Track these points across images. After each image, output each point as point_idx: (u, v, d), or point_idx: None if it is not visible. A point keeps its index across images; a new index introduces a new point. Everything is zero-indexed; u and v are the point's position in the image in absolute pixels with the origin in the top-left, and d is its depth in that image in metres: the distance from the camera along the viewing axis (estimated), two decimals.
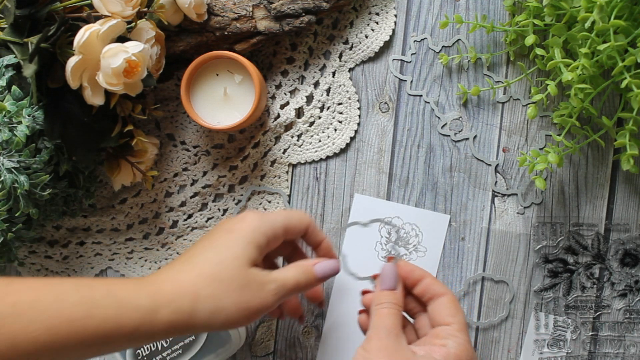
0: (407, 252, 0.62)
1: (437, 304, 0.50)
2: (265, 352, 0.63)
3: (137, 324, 0.43)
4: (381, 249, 0.62)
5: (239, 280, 0.46)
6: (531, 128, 0.62)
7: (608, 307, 0.61)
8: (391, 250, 0.61)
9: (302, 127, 0.63)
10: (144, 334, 0.43)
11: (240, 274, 0.47)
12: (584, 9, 0.49)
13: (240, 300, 0.46)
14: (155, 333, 0.44)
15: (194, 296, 0.45)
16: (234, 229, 0.49)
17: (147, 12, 0.53)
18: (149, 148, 0.59)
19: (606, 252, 0.61)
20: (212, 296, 0.45)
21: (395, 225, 0.58)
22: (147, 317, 0.43)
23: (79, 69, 0.49)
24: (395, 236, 0.61)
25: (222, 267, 0.47)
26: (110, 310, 0.42)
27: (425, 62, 0.62)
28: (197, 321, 0.45)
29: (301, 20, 0.59)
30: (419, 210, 0.62)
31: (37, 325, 0.40)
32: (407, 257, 0.62)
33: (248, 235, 0.48)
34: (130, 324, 0.43)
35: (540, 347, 0.61)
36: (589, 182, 0.61)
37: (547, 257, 0.61)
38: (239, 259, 0.47)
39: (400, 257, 0.53)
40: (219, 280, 0.46)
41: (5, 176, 0.50)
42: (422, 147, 0.62)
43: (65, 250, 0.64)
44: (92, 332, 0.42)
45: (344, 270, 0.54)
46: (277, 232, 0.50)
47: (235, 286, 0.46)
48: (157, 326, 0.44)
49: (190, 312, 0.44)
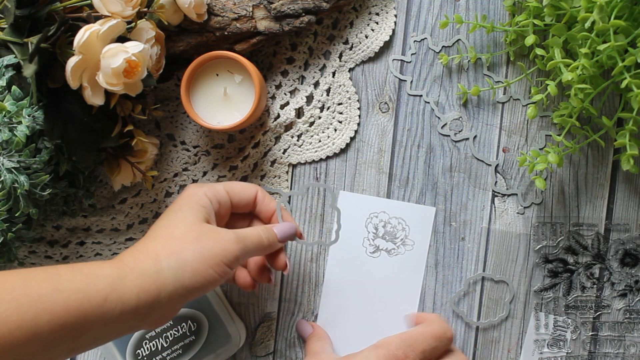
0: (394, 246, 0.62)
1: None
2: (265, 352, 0.63)
3: (106, 292, 0.42)
4: (369, 244, 0.62)
5: (195, 233, 0.48)
6: (531, 128, 0.62)
7: (608, 307, 0.61)
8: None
9: (302, 127, 0.63)
10: (115, 303, 0.43)
11: (195, 227, 0.48)
12: (584, 9, 0.49)
13: (202, 250, 0.47)
14: (127, 300, 0.43)
15: (155, 256, 0.46)
16: (176, 202, 0.51)
17: (147, 12, 0.53)
18: (149, 148, 0.59)
19: (606, 252, 0.61)
20: (172, 252, 0.46)
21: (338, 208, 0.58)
22: (114, 283, 0.43)
23: (79, 69, 0.49)
24: (383, 231, 0.61)
25: (174, 227, 0.48)
26: (77, 283, 0.42)
27: (425, 62, 0.62)
28: (166, 280, 0.45)
29: (301, 20, 0.59)
30: (405, 204, 0.62)
31: (5, 306, 0.39)
32: (395, 252, 0.62)
33: (190, 198, 0.51)
34: (100, 293, 0.42)
35: (540, 347, 0.61)
36: (589, 182, 0.61)
37: (547, 257, 0.61)
38: (188, 217, 0.49)
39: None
40: (174, 237, 0.47)
41: (5, 176, 0.50)
42: (422, 147, 0.62)
43: (65, 250, 0.64)
44: (62, 306, 0.41)
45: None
46: (219, 193, 0.52)
47: (192, 238, 0.47)
48: (127, 292, 0.43)
49: (156, 271, 0.45)
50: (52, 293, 0.41)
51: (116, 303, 0.43)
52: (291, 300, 0.63)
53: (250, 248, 0.50)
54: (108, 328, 0.43)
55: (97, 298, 0.42)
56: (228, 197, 0.53)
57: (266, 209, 0.56)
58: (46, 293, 0.41)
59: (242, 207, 0.55)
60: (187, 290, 0.46)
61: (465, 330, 0.62)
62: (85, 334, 0.42)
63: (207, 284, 0.47)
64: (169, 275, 0.45)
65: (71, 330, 0.41)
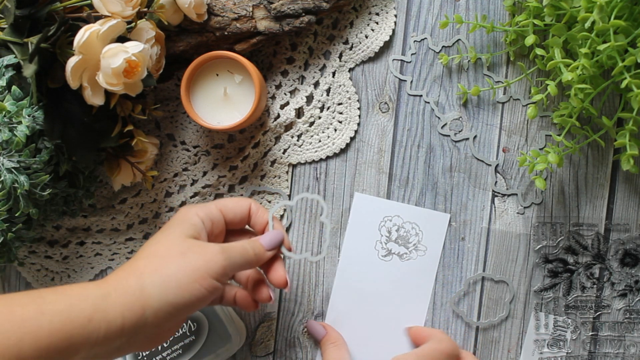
0: (407, 250, 0.62)
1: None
2: (265, 352, 0.63)
3: (90, 312, 0.42)
4: (381, 247, 0.62)
5: (178, 248, 0.47)
6: (531, 128, 0.62)
7: (608, 307, 0.61)
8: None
9: (302, 127, 0.63)
10: (100, 323, 0.42)
11: (178, 242, 0.47)
12: (584, 9, 0.49)
13: (185, 264, 0.46)
14: (112, 320, 0.42)
15: (138, 274, 0.45)
16: (166, 223, 0.51)
17: (147, 12, 0.53)
18: (149, 148, 0.59)
19: (606, 252, 0.61)
20: (155, 269, 0.45)
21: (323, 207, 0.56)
22: (98, 303, 0.42)
23: (79, 69, 0.49)
24: (396, 235, 0.61)
25: (159, 245, 0.48)
26: (60, 304, 0.41)
27: (425, 62, 0.62)
28: (150, 297, 0.44)
29: (301, 20, 0.59)
30: (419, 209, 0.62)
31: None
32: (407, 256, 0.62)
33: (179, 217, 0.50)
34: (84, 313, 0.41)
35: (540, 347, 0.61)
36: (589, 182, 0.61)
37: (547, 257, 0.61)
38: (173, 234, 0.48)
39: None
40: (158, 255, 0.46)
41: (5, 176, 0.50)
42: (422, 147, 0.62)
43: (65, 250, 0.64)
44: (46, 329, 0.40)
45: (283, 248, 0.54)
46: (212, 212, 0.51)
47: (176, 253, 0.46)
48: (112, 311, 0.42)
49: (140, 288, 0.44)
50: (35, 317, 0.40)
51: (101, 323, 0.42)
52: (291, 300, 0.63)
53: (236, 259, 0.48)
54: (95, 350, 0.42)
55: (81, 319, 0.41)
56: (221, 215, 0.52)
57: (260, 221, 0.54)
58: (30, 317, 0.40)
59: (238, 223, 0.54)
60: (172, 306, 0.45)
61: (466, 330, 0.62)
62: (71, 357, 0.41)
63: (194, 300, 0.45)
64: (153, 292, 0.44)
65: (56, 354, 0.40)
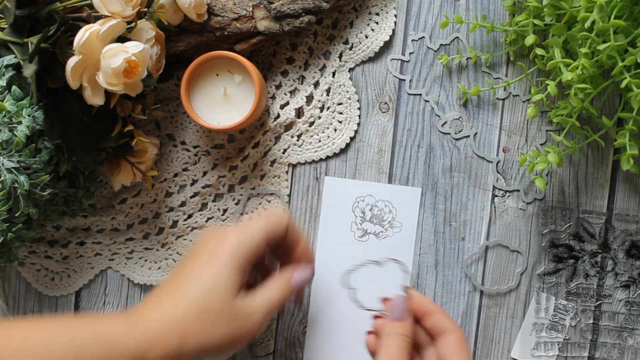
0: (382, 229, 0.62)
1: (445, 342, 0.50)
2: (265, 352, 0.63)
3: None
4: (357, 228, 0.62)
5: (226, 314, 0.47)
6: (531, 128, 0.62)
7: (610, 297, 0.61)
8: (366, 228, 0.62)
9: (302, 127, 0.63)
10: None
11: (227, 307, 0.48)
12: (584, 8, 0.49)
13: (228, 333, 0.47)
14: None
15: (182, 333, 0.46)
16: (217, 254, 0.49)
17: (147, 12, 0.53)
18: (149, 148, 0.59)
19: (613, 241, 0.61)
20: (199, 332, 0.46)
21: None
22: (137, 356, 0.44)
23: (79, 69, 0.49)
24: (370, 214, 0.61)
25: (208, 300, 0.47)
26: (100, 350, 0.42)
27: (425, 62, 0.62)
28: (187, 356, 0.46)
29: (301, 20, 0.59)
30: (390, 187, 0.62)
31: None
32: (383, 234, 0.62)
33: (230, 260, 0.49)
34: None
35: (538, 331, 0.61)
36: (589, 182, 0.61)
37: (554, 241, 0.61)
38: (224, 290, 0.48)
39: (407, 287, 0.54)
40: (206, 314, 0.47)
41: (5, 176, 0.50)
42: (422, 147, 0.62)
43: (65, 250, 0.64)
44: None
45: (353, 304, 0.59)
46: (259, 247, 0.50)
47: (222, 319, 0.47)
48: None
49: (179, 349, 0.45)
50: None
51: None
52: (291, 300, 0.63)
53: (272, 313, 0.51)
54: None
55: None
56: (265, 244, 0.51)
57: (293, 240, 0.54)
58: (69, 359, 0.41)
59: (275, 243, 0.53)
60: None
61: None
62: None
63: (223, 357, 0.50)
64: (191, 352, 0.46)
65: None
